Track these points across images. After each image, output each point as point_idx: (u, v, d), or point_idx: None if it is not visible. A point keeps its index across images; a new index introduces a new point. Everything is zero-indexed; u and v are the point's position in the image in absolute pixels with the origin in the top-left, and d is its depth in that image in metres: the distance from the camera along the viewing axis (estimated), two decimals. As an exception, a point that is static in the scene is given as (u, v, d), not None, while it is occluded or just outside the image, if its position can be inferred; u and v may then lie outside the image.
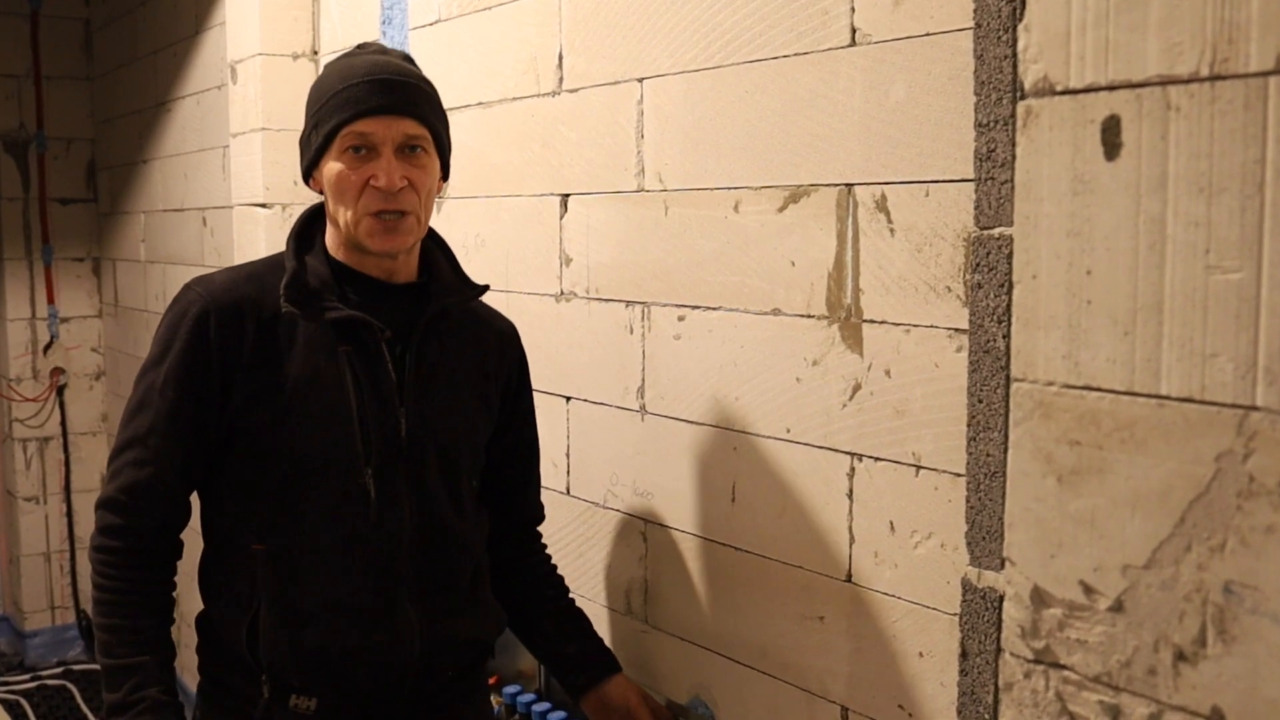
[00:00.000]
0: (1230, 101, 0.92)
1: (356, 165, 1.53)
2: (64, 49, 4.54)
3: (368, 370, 1.57)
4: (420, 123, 1.55)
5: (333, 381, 1.55)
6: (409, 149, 1.54)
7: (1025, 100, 1.07)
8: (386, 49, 1.61)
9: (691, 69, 1.77)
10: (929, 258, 1.44)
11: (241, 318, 1.54)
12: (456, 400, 1.65)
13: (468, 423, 1.67)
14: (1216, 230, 0.93)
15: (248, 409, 1.55)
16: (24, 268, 4.56)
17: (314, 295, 1.56)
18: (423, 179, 1.56)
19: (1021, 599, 1.11)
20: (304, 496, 1.55)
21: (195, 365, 1.54)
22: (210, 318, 1.54)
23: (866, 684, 1.56)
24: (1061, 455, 1.06)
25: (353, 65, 1.56)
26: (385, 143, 1.53)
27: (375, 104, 1.52)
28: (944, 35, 1.40)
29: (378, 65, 1.55)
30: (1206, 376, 0.95)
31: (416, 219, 1.56)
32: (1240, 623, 0.94)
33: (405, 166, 1.54)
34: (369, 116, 1.52)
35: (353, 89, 1.53)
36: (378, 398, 1.57)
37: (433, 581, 1.62)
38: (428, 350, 1.62)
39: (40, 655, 4.64)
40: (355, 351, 1.56)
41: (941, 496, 1.44)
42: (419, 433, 1.59)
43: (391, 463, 1.57)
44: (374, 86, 1.53)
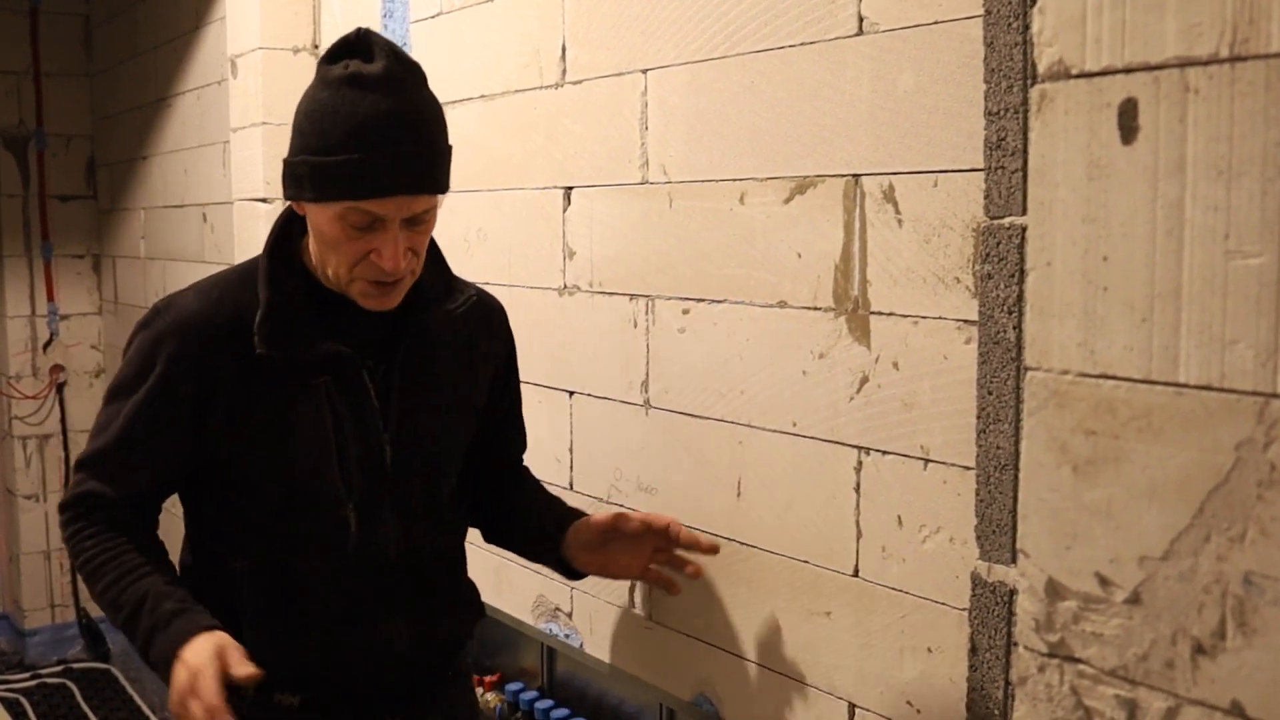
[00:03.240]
0: (1251, 83, 0.90)
1: (356, 237, 1.40)
2: (64, 45, 4.53)
3: (349, 401, 1.50)
4: (434, 194, 1.42)
5: (311, 415, 1.48)
6: (415, 220, 1.42)
7: (1039, 84, 1.06)
8: (390, 74, 1.39)
9: (696, 59, 1.75)
10: (937, 248, 1.42)
11: (217, 349, 1.47)
12: (444, 415, 1.60)
13: (455, 436, 1.62)
14: (1236, 214, 0.92)
15: (225, 440, 1.49)
16: (24, 265, 4.54)
17: (293, 330, 1.46)
18: (422, 242, 1.45)
19: (1036, 591, 1.10)
20: (284, 528, 1.51)
21: (161, 400, 1.47)
22: (181, 350, 1.47)
23: (874, 680, 1.54)
24: (1077, 445, 1.04)
25: (354, 114, 1.36)
26: (394, 220, 1.39)
27: (392, 185, 1.37)
28: (953, 23, 1.38)
29: (391, 122, 1.36)
30: (1226, 364, 0.93)
31: (412, 274, 1.48)
32: (1261, 614, 0.92)
33: (409, 235, 1.42)
34: (378, 199, 1.37)
35: (367, 162, 1.36)
36: (360, 429, 1.51)
37: (418, 591, 1.61)
38: (411, 368, 1.54)
39: (40, 653, 4.62)
40: (334, 381, 1.49)
41: (950, 490, 1.42)
42: (405, 459, 1.54)
43: (376, 492, 1.52)
44: (392, 160, 1.36)
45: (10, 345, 4.51)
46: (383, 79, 1.39)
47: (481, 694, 2.26)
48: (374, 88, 1.38)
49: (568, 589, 2.10)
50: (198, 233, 3.61)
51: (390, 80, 1.39)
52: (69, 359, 4.60)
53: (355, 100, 1.38)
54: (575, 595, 2.09)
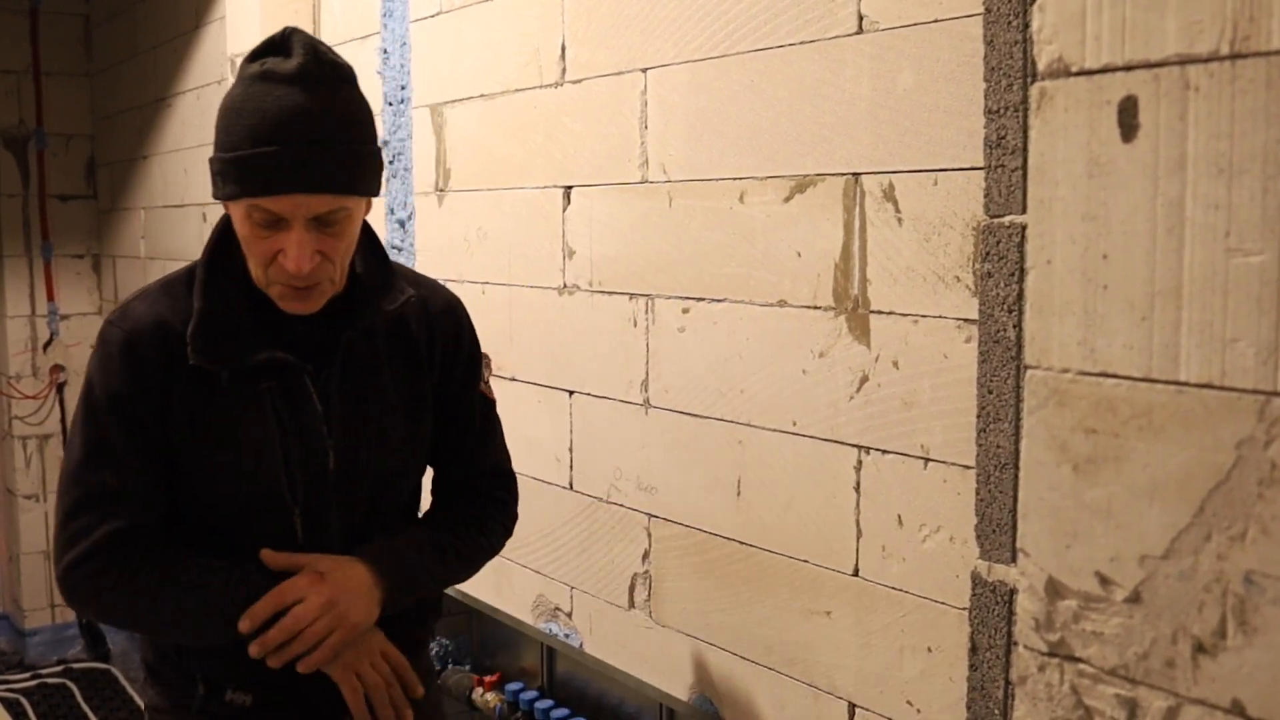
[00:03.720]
0: (1251, 80, 0.90)
1: (263, 236, 1.37)
2: (64, 45, 4.52)
3: (291, 407, 1.47)
4: (336, 194, 1.35)
5: (256, 422, 1.45)
6: (321, 220, 1.37)
7: (1039, 82, 1.05)
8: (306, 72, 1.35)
9: (696, 58, 1.75)
10: (937, 247, 1.42)
11: (169, 349, 1.43)
12: (388, 417, 1.55)
13: (401, 435, 1.56)
14: (1237, 212, 0.91)
15: (182, 446, 1.46)
16: (24, 265, 4.54)
17: (227, 338, 1.43)
18: (338, 246, 1.39)
19: (1036, 591, 1.09)
20: (233, 532, 1.49)
21: (140, 402, 1.44)
22: (140, 352, 1.44)
23: (874, 679, 1.54)
24: (1077, 443, 1.04)
25: (262, 111, 1.34)
26: (296, 219, 1.35)
27: (284, 184, 1.33)
28: (952, 21, 1.38)
29: (288, 120, 1.33)
30: (1227, 362, 0.93)
31: (331, 280, 1.43)
32: (1261, 613, 0.92)
33: (319, 238, 1.36)
34: (271, 196, 1.33)
35: (261, 157, 1.33)
36: (303, 435, 1.47)
37: None
38: (352, 371, 1.51)
39: (40, 653, 4.62)
40: (279, 388, 1.46)
41: (950, 489, 1.42)
42: (349, 464, 1.50)
43: (321, 499, 1.49)
44: (285, 158, 1.32)
45: (10, 345, 4.51)
46: (293, 76, 1.35)
47: (481, 694, 2.26)
48: (283, 84, 1.35)
49: (567, 589, 2.10)
50: (197, 232, 3.61)
51: (302, 78, 1.35)
52: (69, 359, 4.59)
53: (262, 96, 1.35)
54: (575, 595, 2.09)
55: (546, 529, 2.14)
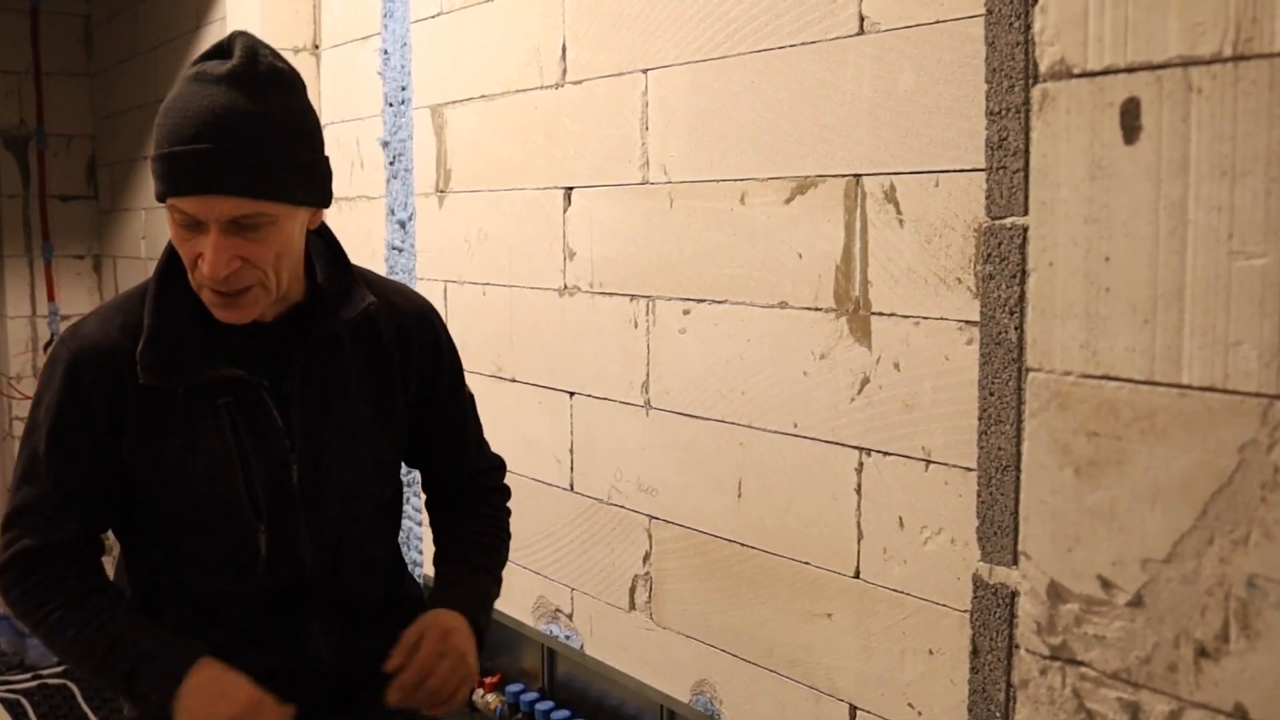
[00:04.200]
0: (1254, 82, 0.89)
1: (186, 238, 1.34)
2: (64, 45, 4.52)
3: (250, 422, 1.43)
4: (250, 198, 1.31)
5: (214, 438, 1.42)
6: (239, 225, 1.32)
7: (1041, 84, 1.05)
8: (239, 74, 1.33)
9: (697, 59, 1.74)
10: (939, 249, 1.42)
11: (116, 375, 1.41)
12: (354, 427, 1.51)
13: (370, 445, 1.52)
14: (1240, 214, 0.91)
15: (133, 462, 1.43)
16: (24, 265, 4.53)
17: (177, 355, 1.40)
18: (262, 252, 1.34)
19: (1038, 594, 1.09)
20: (196, 549, 1.47)
21: (74, 425, 1.42)
22: (82, 376, 1.41)
23: (875, 681, 1.54)
24: (1079, 446, 1.03)
25: (186, 110, 1.32)
26: (210, 221, 1.31)
27: (190, 183, 1.30)
28: (954, 22, 1.38)
29: (208, 120, 1.30)
30: (1229, 365, 0.93)
31: (263, 288, 1.38)
32: (1264, 617, 0.92)
33: (238, 243, 1.32)
34: (186, 196, 1.31)
35: (173, 158, 1.31)
36: (263, 450, 1.44)
37: (344, 606, 1.55)
38: (314, 382, 1.47)
39: (41, 654, 4.60)
40: (236, 403, 1.42)
41: (952, 491, 1.42)
42: (313, 476, 1.47)
43: (287, 512, 1.46)
44: (191, 159, 1.30)
45: (11, 345, 4.51)
46: (223, 77, 1.33)
47: (482, 695, 2.26)
48: (212, 84, 1.32)
49: (568, 590, 2.10)
50: (198, 233, 3.60)
51: (231, 79, 1.33)
52: (69, 359, 4.59)
53: (189, 96, 1.33)
54: (575, 597, 2.08)
55: (547, 530, 2.14)
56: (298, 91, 1.40)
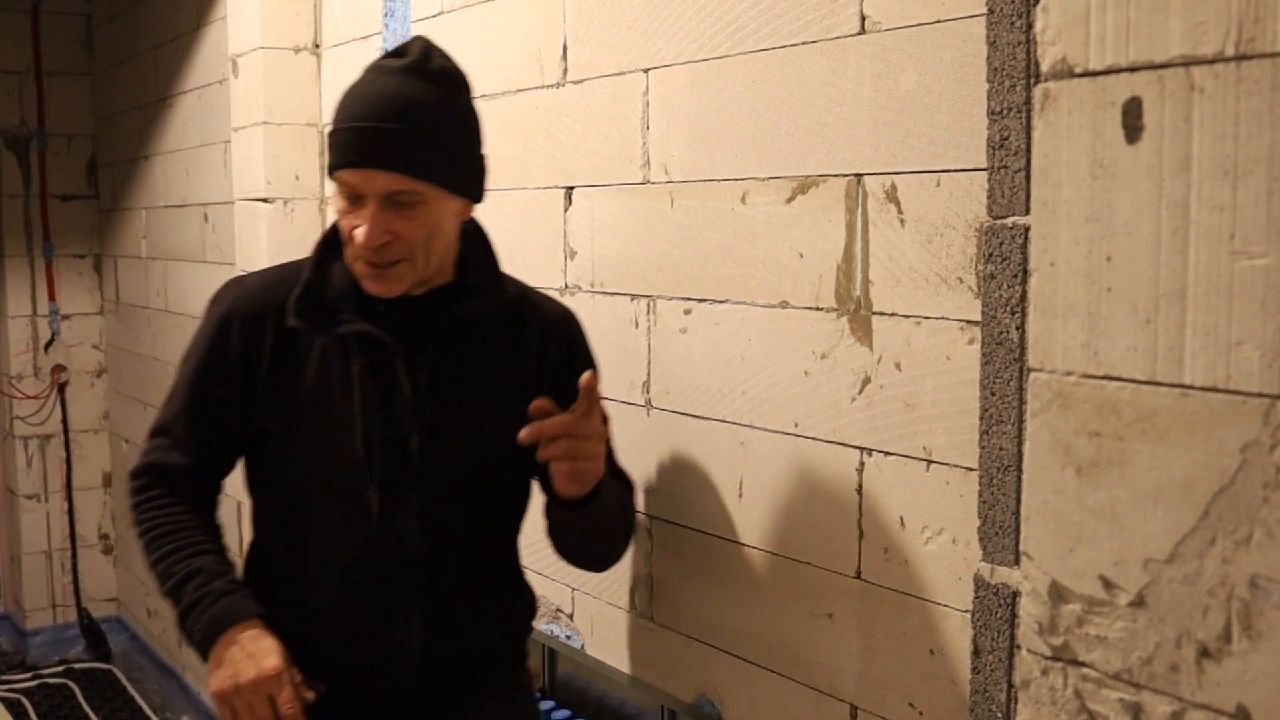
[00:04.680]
0: (1257, 82, 0.89)
1: (348, 210, 1.48)
2: (65, 45, 4.52)
3: (379, 386, 1.53)
4: (409, 176, 1.44)
5: (342, 397, 1.53)
6: (395, 201, 1.46)
7: (1043, 83, 1.05)
8: (411, 68, 1.48)
9: (698, 59, 1.74)
10: (940, 248, 1.42)
11: (262, 324, 1.55)
12: (482, 410, 1.58)
13: (497, 432, 1.56)
14: (1242, 214, 0.91)
15: (265, 414, 1.57)
16: (25, 264, 4.53)
17: (327, 308, 1.54)
18: (413, 230, 1.47)
19: (1039, 594, 1.09)
20: (313, 505, 1.57)
21: (215, 368, 1.58)
22: (233, 323, 1.57)
23: (876, 682, 1.54)
24: (1081, 447, 1.03)
25: (360, 94, 1.48)
26: (369, 195, 1.45)
27: (355, 157, 1.45)
28: (955, 22, 1.37)
29: (378, 102, 1.45)
30: (1231, 365, 0.92)
31: (411, 265, 1.49)
32: (1266, 618, 0.91)
33: (392, 218, 1.45)
34: (350, 169, 1.46)
35: (343, 133, 1.46)
36: (388, 414, 1.53)
37: (443, 594, 1.59)
38: (448, 361, 1.56)
39: (41, 654, 4.61)
40: (369, 366, 1.53)
41: (953, 491, 1.41)
42: (433, 449, 1.55)
43: (401, 479, 1.54)
44: (359, 135, 1.44)
45: (11, 345, 4.51)
46: (398, 70, 1.47)
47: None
48: (386, 75, 1.47)
49: (569, 590, 2.10)
50: (199, 232, 3.60)
51: (405, 72, 1.47)
52: (70, 359, 4.59)
53: (365, 84, 1.48)
54: (576, 596, 2.08)
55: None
56: (463, 91, 1.54)
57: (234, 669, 1.47)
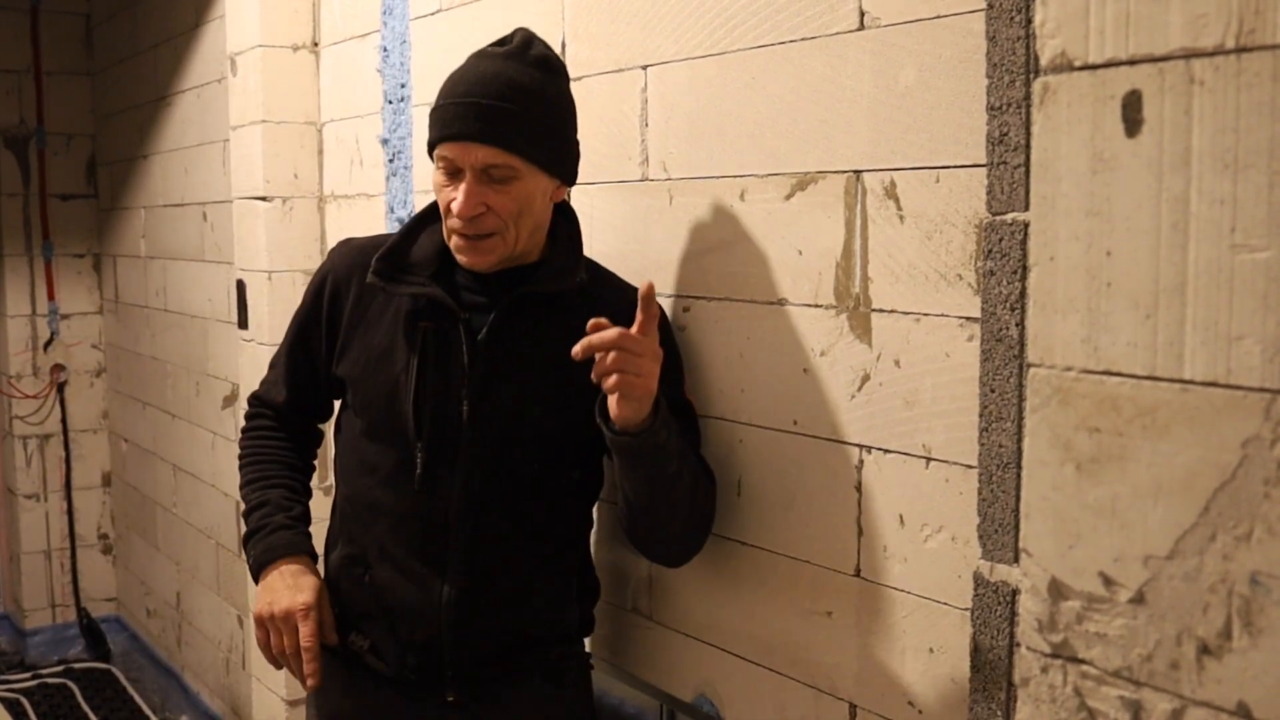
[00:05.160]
0: (1257, 74, 0.89)
1: (445, 183, 1.57)
2: (64, 44, 4.52)
3: (440, 350, 1.61)
4: (504, 150, 1.53)
5: (405, 355, 1.62)
6: (489, 175, 1.54)
7: (1042, 77, 1.04)
8: (513, 53, 1.58)
9: (696, 55, 1.74)
10: (939, 245, 1.41)
11: (350, 281, 1.69)
12: (540, 387, 1.62)
13: (549, 410, 1.62)
14: (1242, 208, 0.90)
15: (343, 365, 1.70)
16: (24, 264, 4.53)
17: (404, 269, 1.63)
18: (506, 204, 1.55)
19: (1039, 591, 1.08)
20: (371, 454, 1.67)
21: (309, 320, 1.75)
22: (328, 279, 1.73)
23: (875, 680, 1.53)
24: (1080, 443, 1.03)
25: (464, 74, 1.57)
26: (467, 168, 1.54)
27: (454, 130, 1.53)
28: (955, 17, 1.37)
29: (479, 81, 1.54)
30: (1232, 360, 0.92)
31: (502, 238, 1.58)
32: (1267, 614, 0.91)
33: (487, 191, 1.54)
34: (449, 142, 1.54)
35: (445, 109, 1.55)
36: (442, 377, 1.61)
37: (482, 561, 1.64)
38: (511, 334, 1.62)
39: (41, 653, 4.61)
40: (434, 329, 1.61)
41: (953, 489, 1.41)
42: (483, 420, 1.61)
43: (448, 442, 1.61)
44: (459, 110, 1.53)
45: (11, 344, 4.51)
46: (499, 55, 1.57)
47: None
48: (488, 59, 1.57)
49: (567, 589, 2.09)
50: (198, 231, 3.60)
51: (506, 56, 1.57)
52: (70, 358, 4.59)
53: (469, 67, 1.58)
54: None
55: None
56: (561, 78, 1.64)
57: (272, 596, 1.65)
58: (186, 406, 3.77)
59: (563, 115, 1.62)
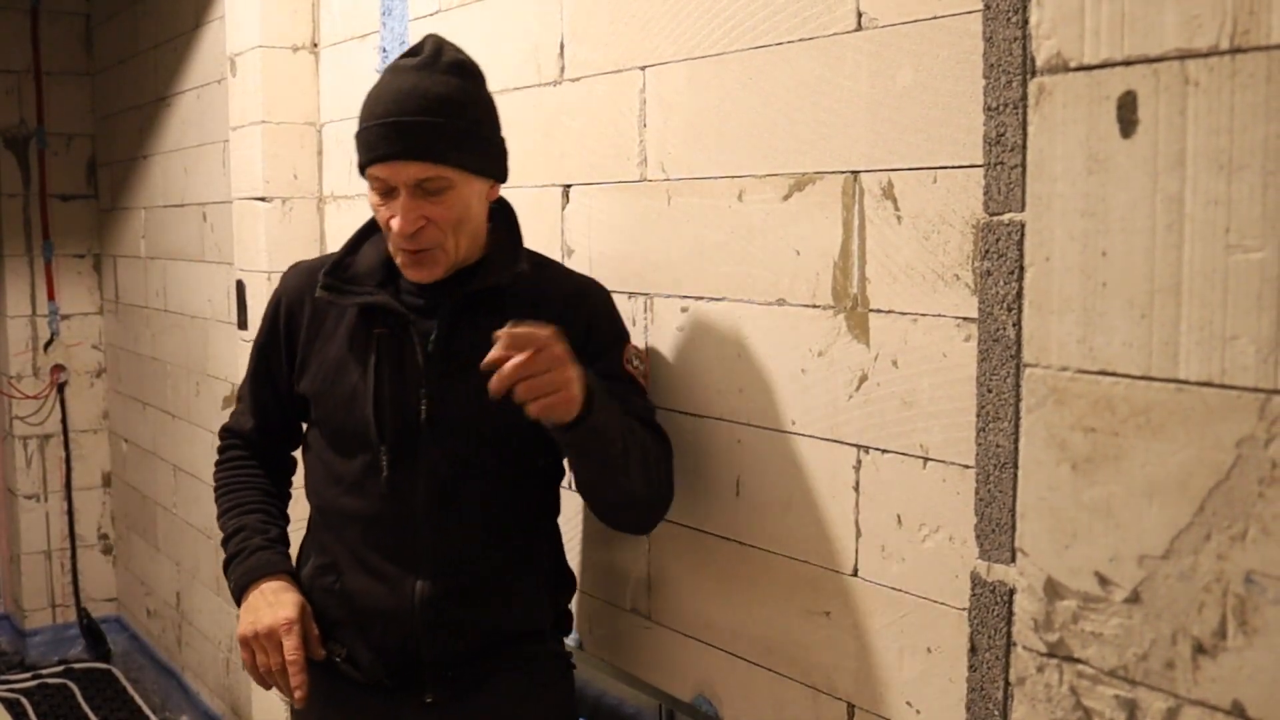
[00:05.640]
0: (1251, 75, 0.89)
1: (382, 203, 1.58)
2: (64, 44, 4.52)
3: (395, 354, 1.64)
4: (434, 163, 1.54)
5: (361, 364, 1.65)
6: (424, 189, 1.55)
7: (1038, 78, 1.05)
8: (425, 64, 1.57)
9: (695, 56, 1.74)
10: (937, 245, 1.41)
11: (303, 301, 1.72)
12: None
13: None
14: (1237, 208, 0.91)
15: (304, 381, 1.72)
16: (24, 264, 4.54)
17: (351, 281, 1.67)
18: (444, 214, 1.57)
19: (1035, 591, 1.08)
20: (338, 463, 1.69)
21: (268, 346, 1.78)
22: (282, 302, 1.76)
23: (873, 680, 1.53)
24: (1076, 442, 1.03)
25: (381, 93, 1.57)
26: (400, 185, 1.55)
27: (382, 152, 1.54)
28: (951, 18, 1.37)
29: (397, 99, 1.54)
30: (1227, 359, 0.92)
31: (445, 249, 1.60)
32: (1262, 613, 0.91)
33: (424, 205, 1.55)
34: (379, 164, 1.55)
35: (369, 131, 1.56)
36: (400, 381, 1.63)
37: (451, 560, 1.66)
38: (461, 333, 1.63)
39: (41, 654, 4.62)
40: (388, 336, 1.64)
41: (950, 489, 1.41)
42: (441, 416, 1.63)
43: (410, 443, 1.63)
44: (384, 131, 1.54)
45: (11, 345, 4.51)
46: (413, 67, 1.57)
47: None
48: (402, 74, 1.57)
49: (566, 589, 2.09)
50: (198, 232, 3.60)
51: (419, 68, 1.57)
52: (70, 359, 4.59)
53: (384, 84, 1.58)
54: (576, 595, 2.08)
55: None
56: (476, 80, 1.64)
57: (254, 616, 1.65)
58: (186, 407, 3.77)
59: (485, 117, 1.63)
